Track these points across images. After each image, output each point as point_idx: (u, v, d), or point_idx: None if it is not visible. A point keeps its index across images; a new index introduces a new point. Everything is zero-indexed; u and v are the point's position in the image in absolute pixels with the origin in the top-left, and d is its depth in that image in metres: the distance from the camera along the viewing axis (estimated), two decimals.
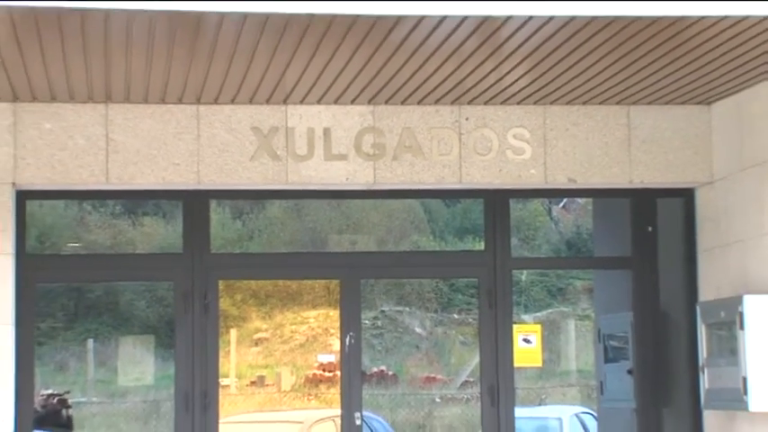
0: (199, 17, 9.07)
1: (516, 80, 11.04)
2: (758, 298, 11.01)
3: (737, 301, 11.10)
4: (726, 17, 9.28)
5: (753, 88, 11.33)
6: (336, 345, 12.70)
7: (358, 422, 12.53)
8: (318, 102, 11.66)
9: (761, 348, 10.92)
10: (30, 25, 9.26)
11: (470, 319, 11.60)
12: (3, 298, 11.41)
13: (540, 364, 13.29)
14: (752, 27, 9.57)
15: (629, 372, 12.86)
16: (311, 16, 9.03)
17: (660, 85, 11.29)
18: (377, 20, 9.18)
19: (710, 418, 12.09)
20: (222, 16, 9.05)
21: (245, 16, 9.08)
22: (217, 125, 11.72)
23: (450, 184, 12.14)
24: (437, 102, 11.74)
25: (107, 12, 8.81)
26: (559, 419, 19.12)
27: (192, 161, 11.72)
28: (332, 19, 9.13)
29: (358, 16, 9.06)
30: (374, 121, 11.89)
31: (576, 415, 19.11)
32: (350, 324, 12.53)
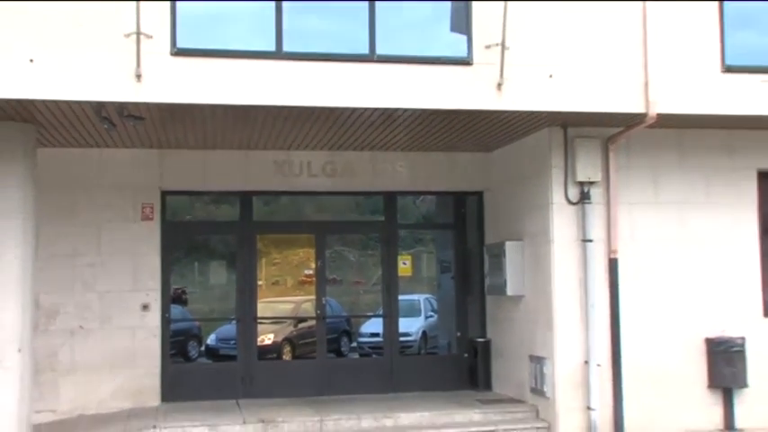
0: (247, 108, 8.97)
1: (400, 138, 10.94)
2: (511, 243, 11.00)
3: (503, 244, 11.09)
4: (504, 111, 9.28)
5: (511, 144, 11.32)
6: (313, 265, 12.56)
7: (324, 302, 12.49)
8: (305, 148, 11.53)
9: (511, 266, 10.95)
10: (166, 113, 9.11)
11: (377, 254, 11.56)
12: (154, 245, 11.25)
13: (410, 274, 13.22)
14: (508, 117, 9.60)
15: (452, 278, 12.84)
16: (302, 107, 8.96)
17: (467, 141, 11.25)
18: (332, 109, 9.12)
19: (489, 300, 12.07)
20: (258, 108, 8.95)
21: (268, 108, 8.99)
22: (255, 159, 11.53)
23: (369, 188, 12.02)
24: (362, 149, 11.62)
25: (202, 105, 8.71)
26: (419, 300, 19.07)
27: (243, 177, 11.53)
28: (312, 109, 9.05)
29: (323, 107, 8.98)
30: (332, 158, 11.77)
31: (427, 298, 19.04)
32: (319, 255, 12.47)
